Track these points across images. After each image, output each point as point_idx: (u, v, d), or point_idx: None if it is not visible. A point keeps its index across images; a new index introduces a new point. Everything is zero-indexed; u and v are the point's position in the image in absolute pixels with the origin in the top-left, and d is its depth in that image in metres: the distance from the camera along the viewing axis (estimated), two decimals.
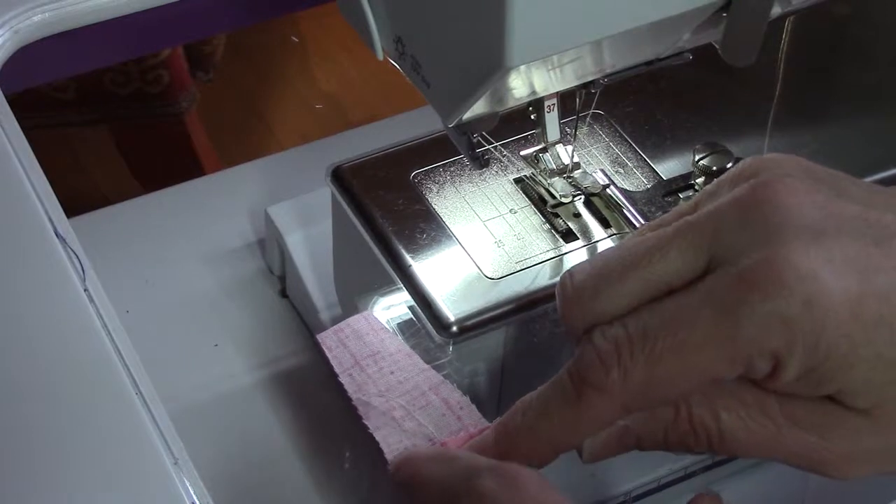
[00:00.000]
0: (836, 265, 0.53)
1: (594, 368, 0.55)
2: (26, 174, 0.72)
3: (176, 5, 0.85)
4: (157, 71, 1.56)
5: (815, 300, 0.52)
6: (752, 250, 0.53)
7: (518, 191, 0.74)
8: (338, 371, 0.66)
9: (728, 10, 0.64)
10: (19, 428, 0.63)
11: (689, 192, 0.74)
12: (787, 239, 0.53)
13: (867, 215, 0.55)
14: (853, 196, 0.56)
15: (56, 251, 0.69)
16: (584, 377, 0.56)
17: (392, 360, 0.66)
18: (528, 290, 0.70)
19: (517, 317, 0.70)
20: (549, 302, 0.70)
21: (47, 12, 0.81)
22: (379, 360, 0.66)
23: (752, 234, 0.54)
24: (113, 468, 0.62)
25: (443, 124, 0.66)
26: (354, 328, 0.67)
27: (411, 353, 0.67)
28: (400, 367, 0.65)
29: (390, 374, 0.65)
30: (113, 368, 0.65)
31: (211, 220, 0.93)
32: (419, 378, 0.65)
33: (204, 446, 0.68)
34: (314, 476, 0.80)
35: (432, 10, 0.62)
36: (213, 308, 0.88)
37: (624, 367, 0.55)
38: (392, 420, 0.63)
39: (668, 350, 0.54)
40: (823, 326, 0.52)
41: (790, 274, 0.52)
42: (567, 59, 0.64)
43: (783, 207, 0.54)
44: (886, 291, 0.53)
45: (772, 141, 0.78)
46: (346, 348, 0.66)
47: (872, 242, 0.54)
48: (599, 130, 0.78)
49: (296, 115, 2.04)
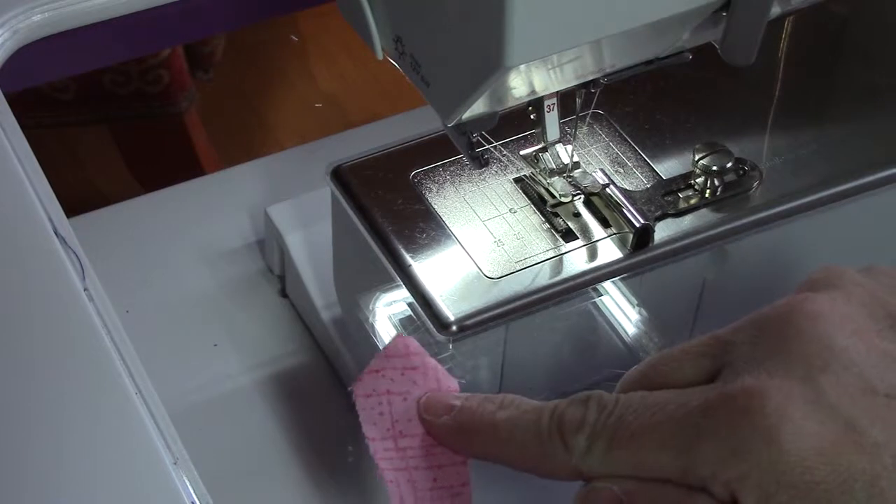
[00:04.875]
0: (820, 407, 0.50)
1: (570, 424, 0.55)
2: (26, 174, 0.72)
3: (176, 5, 0.85)
4: (157, 71, 1.55)
5: (778, 440, 0.49)
6: (746, 371, 0.51)
7: (518, 190, 0.74)
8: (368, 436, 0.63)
9: (728, 10, 0.64)
10: (19, 428, 0.63)
11: (688, 192, 0.74)
12: (779, 369, 0.51)
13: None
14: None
15: (56, 251, 0.69)
16: (559, 425, 0.55)
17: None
18: (528, 290, 0.70)
19: (517, 316, 0.70)
20: (548, 301, 0.70)
21: (47, 12, 0.81)
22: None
23: (758, 354, 0.52)
24: (113, 468, 0.62)
25: (442, 124, 0.66)
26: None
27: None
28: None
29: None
30: (113, 368, 0.65)
31: (211, 220, 0.93)
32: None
33: (204, 446, 0.68)
34: (314, 476, 0.80)
35: (432, 10, 0.62)
36: (213, 308, 0.88)
37: (593, 435, 0.54)
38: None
39: (630, 437, 0.53)
40: (784, 469, 0.49)
41: (760, 409, 0.50)
42: (567, 59, 0.64)
43: (800, 331, 0.52)
44: (877, 445, 0.49)
45: (772, 141, 0.78)
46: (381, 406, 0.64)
47: (889, 389, 0.50)
48: (599, 130, 0.78)
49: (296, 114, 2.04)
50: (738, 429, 0.50)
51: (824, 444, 0.49)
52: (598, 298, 0.75)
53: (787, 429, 0.50)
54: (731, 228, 0.73)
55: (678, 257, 0.73)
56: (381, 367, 0.63)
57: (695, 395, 0.53)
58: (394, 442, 0.62)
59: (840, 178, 0.76)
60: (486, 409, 0.58)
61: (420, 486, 0.62)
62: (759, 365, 0.52)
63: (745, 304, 0.80)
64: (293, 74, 2.10)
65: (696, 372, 0.54)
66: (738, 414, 0.50)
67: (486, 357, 0.73)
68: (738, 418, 0.50)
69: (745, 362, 0.52)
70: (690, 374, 0.54)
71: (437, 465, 0.62)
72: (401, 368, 0.63)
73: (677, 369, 0.55)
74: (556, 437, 0.55)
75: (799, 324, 0.52)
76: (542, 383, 0.78)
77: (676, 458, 0.52)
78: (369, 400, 0.62)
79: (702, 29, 0.65)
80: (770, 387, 0.50)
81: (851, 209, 0.76)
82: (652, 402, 0.53)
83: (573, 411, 0.55)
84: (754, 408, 0.50)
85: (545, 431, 0.56)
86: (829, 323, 0.52)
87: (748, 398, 0.51)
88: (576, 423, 0.55)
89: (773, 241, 0.77)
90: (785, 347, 0.52)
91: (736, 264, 0.77)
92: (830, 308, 0.53)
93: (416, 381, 0.63)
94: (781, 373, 0.51)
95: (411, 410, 0.62)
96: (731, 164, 0.74)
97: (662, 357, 0.56)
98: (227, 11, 0.92)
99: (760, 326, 0.53)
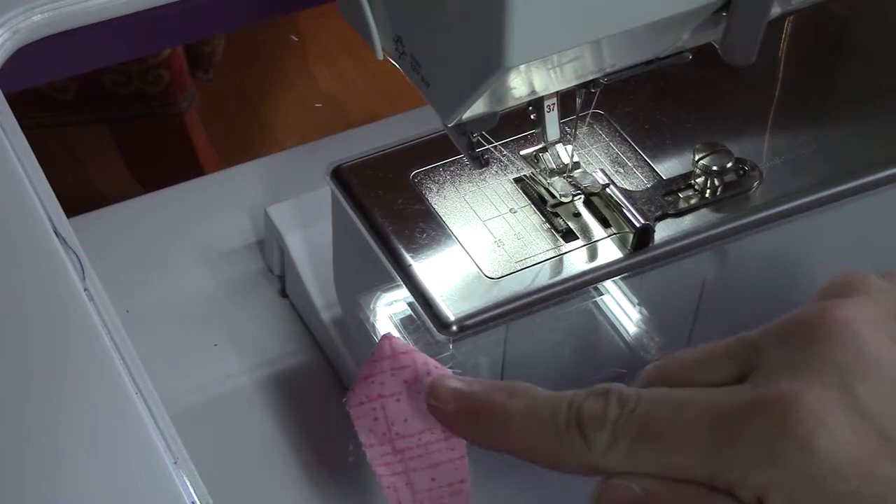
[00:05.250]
0: (855, 415, 0.49)
1: (590, 418, 0.53)
2: (26, 174, 0.72)
3: (176, 5, 0.85)
4: (157, 71, 1.55)
5: (811, 446, 0.48)
6: (779, 376, 0.51)
7: (518, 190, 0.74)
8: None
9: (728, 10, 0.64)
10: (19, 427, 0.63)
11: (688, 192, 0.74)
12: (814, 375, 0.50)
13: None
14: None
15: (56, 251, 0.69)
16: (578, 419, 0.54)
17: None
18: (528, 290, 0.70)
19: (517, 316, 0.70)
20: (548, 301, 0.70)
21: (47, 12, 0.81)
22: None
23: (791, 359, 0.51)
24: (113, 468, 0.62)
25: (442, 124, 0.66)
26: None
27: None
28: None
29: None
30: (113, 368, 0.65)
31: (211, 220, 0.93)
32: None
33: (204, 446, 0.68)
34: (314, 476, 0.80)
35: (432, 10, 0.62)
36: (213, 308, 0.88)
37: (615, 431, 0.53)
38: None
39: (656, 436, 0.52)
40: (816, 477, 0.48)
41: (794, 414, 0.49)
42: (567, 59, 0.64)
43: (833, 338, 0.51)
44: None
45: (772, 141, 0.78)
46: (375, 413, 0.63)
47: None
48: (599, 130, 0.78)
49: (296, 114, 2.04)
50: (771, 433, 0.49)
51: (858, 454, 0.49)
52: (599, 298, 0.75)
53: (822, 436, 0.49)
54: (731, 228, 0.73)
55: (678, 257, 0.73)
56: (371, 373, 0.63)
57: (725, 396, 0.52)
58: (391, 445, 0.62)
59: (840, 178, 0.76)
60: (497, 397, 0.57)
61: (418, 488, 0.62)
62: (793, 370, 0.51)
63: (745, 304, 0.80)
64: (293, 74, 2.10)
65: (723, 372, 0.53)
66: (772, 418, 0.50)
67: (486, 357, 0.73)
68: (771, 423, 0.50)
69: (778, 367, 0.51)
70: (716, 374, 0.53)
71: (435, 463, 0.62)
72: (390, 370, 0.63)
73: (703, 368, 0.54)
74: (574, 432, 0.54)
75: (831, 330, 0.51)
76: (542, 383, 0.78)
77: (705, 460, 0.51)
78: (363, 408, 0.62)
79: (702, 29, 0.65)
80: (805, 392, 0.50)
81: (851, 209, 0.76)
82: (678, 400, 0.52)
83: (592, 405, 0.54)
84: (789, 413, 0.49)
85: (563, 424, 0.54)
86: (862, 330, 0.51)
87: (783, 403, 0.50)
88: (596, 417, 0.53)
89: (773, 241, 0.77)
90: (819, 353, 0.51)
91: (736, 264, 0.77)
92: (862, 315, 0.52)
93: (407, 380, 0.63)
94: (816, 379, 0.50)
95: (406, 410, 0.62)
96: (731, 164, 0.74)
97: (686, 355, 0.55)
98: (227, 11, 0.92)
99: (791, 331, 0.52)
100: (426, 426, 0.62)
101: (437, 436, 0.62)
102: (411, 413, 0.62)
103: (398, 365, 0.63)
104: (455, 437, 0.61)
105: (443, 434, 0.62)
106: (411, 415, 0.62)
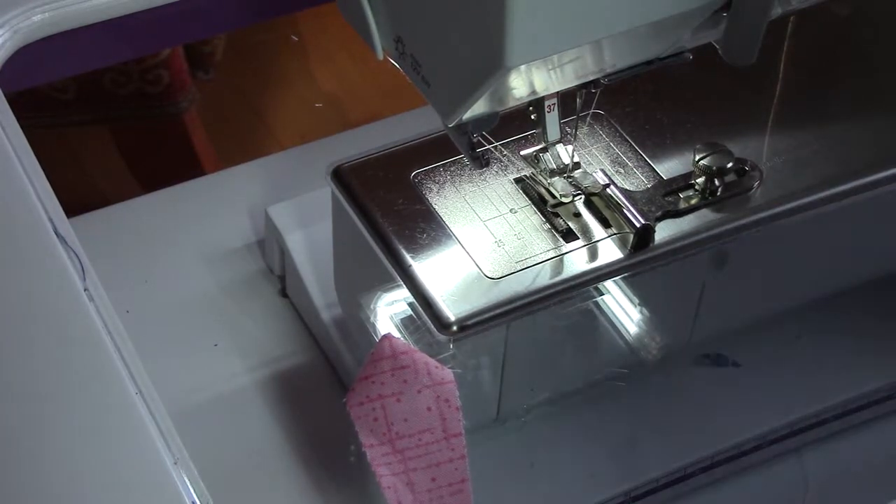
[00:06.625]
0: None
1: None
2: (26, 174, 0.72)
3: (176, 5, 0.85)
4: (157, 71, 1.55)
5: None
6: None
7: (518, 190, 0.74)
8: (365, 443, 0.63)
9: (728, 10, 0.64)
10: (19, 427, 0.63)
11: (689, 192, 0.74)
12: None
13: None
14: None
15: (56, 251, 0.69)
16: None
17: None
18: (529, 290, 0.70)
19: (517, 316, 0.70)
20: (549, 301, 0.70)
21: (47, 12, 0.81)
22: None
23: None
24: (113, 467, 0.62)
25: (443, 124, 0.66)
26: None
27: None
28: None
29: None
30: (113, 368, 0.65)
31: (211, 220, 0.93)
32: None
33: (204, 446, 0.68)
34: (314, 476, 0.80)
35: (432, 10, 0.62)
36: (213, 308, 0.88)
37: None
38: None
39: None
40: None
41: None
42: (567, 59, 0.64)
43: None
44: None
45: (772, 141, 0.78)
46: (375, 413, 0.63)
47: None
48: (599, 130, 0.78)
49: (296, 115, 2.04)
50: None
51: None
52: (599, 298, 0.75)
53: None
54: (731, 228, 0.73)
55: (678, 257, 0.73)
56: (371, 373, 0.63)
57: None
58: (391, 445, 0.62)
59: (840, 178, 0.76)
60: None
61: (419, 489, 0.62)
62: None
63: (745, 304, 0.80)
64: (293, 74, 2.10)
65: None
66: None
67: (486, 357, 0.73)
68: None
69: None
70: None
71: (436, 462, 0.62)
72: (390, 370, 0.63)
73: None
74: None
75: None
76: (543, 383, 0.78)
77: None
78: (363, 408, 0.62)
79: (702, 29, 0.65)
80: None
81: (851, 209, 0.76)
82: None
83: None
84: None
85: None
86: None
87: None
88: None
89: (773, 241, 0.77)
90: None
91: (736, 264, 0.77)
92: None
93: (407, 380, 0.63)
94: None
95: (406, 410, 0.62)
96: (731, 164, 0.74)
97: None
98: (227, 11, 0.92)
99: None
100: (426, 426, 0.62)
101: (437, 436, 0.62)
102: (411, 413, 0.62)
103: (398, 365, 0.63)
104: (455, 437, 0.62)
105: (443, 434, 0.62)
106: (411, 415, 0.62)
